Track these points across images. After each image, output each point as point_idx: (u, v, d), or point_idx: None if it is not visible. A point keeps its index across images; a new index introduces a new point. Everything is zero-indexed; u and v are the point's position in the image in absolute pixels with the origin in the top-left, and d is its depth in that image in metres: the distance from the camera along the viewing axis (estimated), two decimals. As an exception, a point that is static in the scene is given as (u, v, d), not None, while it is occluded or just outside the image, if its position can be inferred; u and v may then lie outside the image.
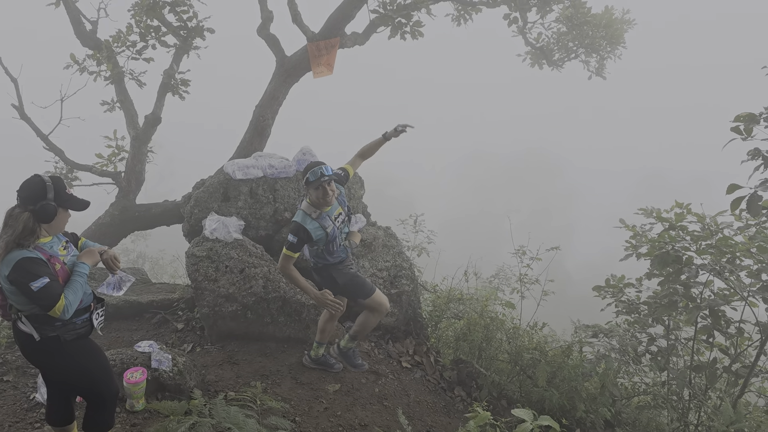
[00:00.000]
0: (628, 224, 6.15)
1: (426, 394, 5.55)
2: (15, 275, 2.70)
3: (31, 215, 2.78)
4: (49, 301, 2.74)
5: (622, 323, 6.07)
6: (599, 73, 9.91)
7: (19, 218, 2.76)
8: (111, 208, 9.25)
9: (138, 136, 9.23)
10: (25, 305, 2.83)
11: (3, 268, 2.73)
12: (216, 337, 5.76)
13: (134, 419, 4.11)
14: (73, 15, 9.19)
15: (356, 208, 7.23)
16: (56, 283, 2.80)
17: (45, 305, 2.75)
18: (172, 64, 9.30)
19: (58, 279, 2.84)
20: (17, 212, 2.79)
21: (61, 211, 2.90)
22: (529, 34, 9.74)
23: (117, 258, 3.24)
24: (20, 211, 2.79)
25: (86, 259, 3.05)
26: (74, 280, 2.92)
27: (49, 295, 2.73)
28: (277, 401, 4.24)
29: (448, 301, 7.20)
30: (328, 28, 8.19)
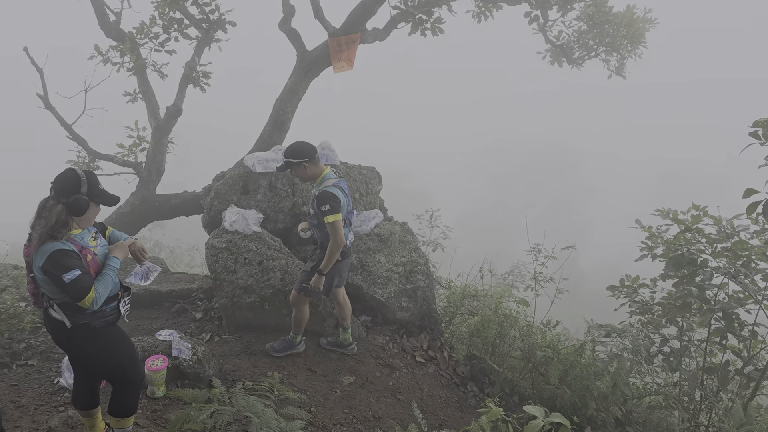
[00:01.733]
0: (644, 225, 6.15)
1: (439, 389, 5.62)
2: (48, 266, 2.80)
3: (65, 208, 2.88)
4: (79, 292, 2.85)
5: (635, 323, 6.08)
6: (619, 72, 9.86)
7: (53, 210, 2.85)
8: (131, 198, 9.40)
9: (159, 127, 9.36)
10: (56, 294, 2.93)
11: (37, 259, 2.84)
12: (234, 327, 5.87)
13: (155, 405, 4.22)
14: (97, 6, 9.31)
15: (373, 204, 7.29)
16: (87, 275, 2.90)
17: (76, 296, 2.86)
18: (194, 57, 9.41)
19: (89, 270, 2.95)
20: (51, 204, 2.89)
21: (92, 205, 2.99)
22: (549, 32, 9.71)
23: (144, 249, 3.35)
24: (54, 203, 2.88)
25: (118, 253, 3.16)
26: (105, 274, 3.03)
27: (80, 287, 2.84)
28: (293, 392, 4.34)
29: (463, 297, 7.24)
30: (349, 23, 8.23)
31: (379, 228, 6.75)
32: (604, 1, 9.00)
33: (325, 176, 4.79)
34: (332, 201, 4.59)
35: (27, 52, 8.95)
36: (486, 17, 9.85)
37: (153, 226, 18.41)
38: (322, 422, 4.45)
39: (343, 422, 4.55)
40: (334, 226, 4.61)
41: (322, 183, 4.73)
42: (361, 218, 6.74)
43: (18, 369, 4.74)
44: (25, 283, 6.37)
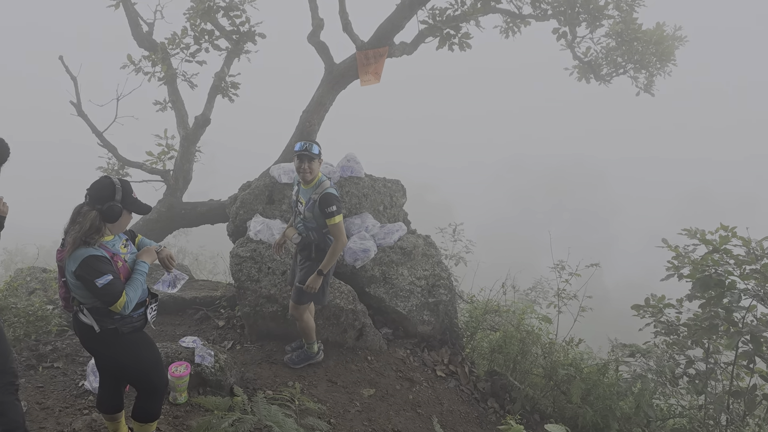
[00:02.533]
0: (670, 244, 6.07)
1: (459, 404, 5.59)
2: (81, 271, 2.87)
3: (99, 214, 2.95)
4: (111, 297, 2.92)
5: (660, 344, 5.99)
6: (648, 89, 9.76)
7: (87, 216, 2.93)
8: (158, 205, 9.54)
9: (187, 136, 9.51)
10: (87, 299, 3.00)
11: (70, 264, 2.91)
12: (256, 336, 5.91)
13: (176, 411, 4.27)
14: (131, 17, 9.52)
15: (397, 216, 7.31)
16: (118, 281, 2.97)
17: (107, 301, 2.92)
18: (223, 67, 9.55)
19: (119, 276, 3.01)
20: (85, 210, 2.97)
21: (125, 212, 3.07)
22: (577, 48, 9.67)
23: (172, 257, 3.41)
24: (88, 209, 2.96)
25: (146, 258, 3.23)
26: (135, 278, 3.11)
27: (112, 291, 2.91)
28: (314, 402, 4.34)
29: (485, 313, 7.20)
30: (378, 37, 8.31)
31: (402, 241, 6.75)
32: (633, 19, 8.94)
33: (321, 179, 4.79)
34: (338, 202, 4.64)
35: (62, 61, 9.17)
36: (514, 33, 9.86)
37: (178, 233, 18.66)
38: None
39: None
40: (339, 228, 4.63)
41: (319, 186, 4.72)
42: (385, 231, 6.75)
43: (44, 371, 4.82)
44: (53, 286, 6.50)
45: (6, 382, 3.30)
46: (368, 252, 6.38)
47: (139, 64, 9.53)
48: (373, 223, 6.76)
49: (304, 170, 4.66)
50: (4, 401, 3.25)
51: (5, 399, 3.27)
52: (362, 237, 6.49)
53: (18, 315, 5.21)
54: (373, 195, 7.00)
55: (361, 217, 6.77)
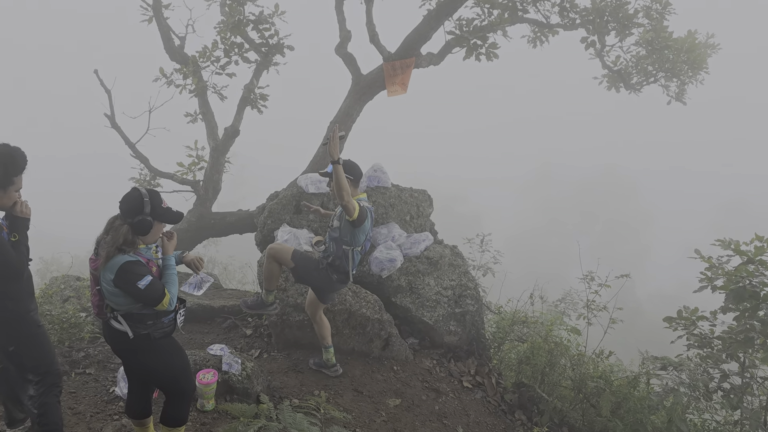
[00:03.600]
0: (703, 255, 5.94)
1: (486, 416, 5.53)
2: (120, 278, 2.95)
3: (130, 228, 3.02)
4: (155, 295, 3.01)
5: (693, 357, 5.85)
6: (679, 98, 9.61)
7: (119, 231, 3.00)
8: (188, 215, 9.70)
9: (217, 147, 9.67)
10: (122, 305, 3.06)
11: (107, 273, 2.98)
12: (282, 344, 5.94)
13: (204, 418, 4.30)
14: (163, 31, 9.75)
15: (423, 226, 7.30)
16: (157, 280, 3.07)
17: (152, 301, 3.02)
18: (252, 79, 9.71)
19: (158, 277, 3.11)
20: (118, 224, 3.04)
21: (156, 224, 3.13)
22: (606, 57, 9.58)
23: (201, 260, 3.49)
24: (120, 223, 3.03)
25: (168, 251, 3.31)
26: (168, 274, 3.20)
27: (155, 290, 3.01)
28: (339, 411, 4.35)
29: (512, 323, 7.13)
30: (404, 48, 8.36)
31: (428, 251, 6.74)
32: (664, 27, 8.83)
33: (360, 198, 4.78)
34: (362, 210, 4.56)
35: (97, 75, 9.42)
36: (541, 42, 9.82)
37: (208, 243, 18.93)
38: (366, 444, 4.44)
39: (387, 445, 4.53)
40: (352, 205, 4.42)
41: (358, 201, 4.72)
42: (411, 240, 6.75)
43: (76, 377, 4.92)
44: (86, 294, 6.64)
45: (51, 383, 3.41)
46: (395, 262, 6.38)
47: (170, 77, 9.75)
48: (399, 232, 6.76)
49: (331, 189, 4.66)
50: (47, 402, 3.36)
51: (48, 401, 3.37)
52: (389, 247, 6.50)
53: (52, 322, 5.33)
54: (400, 205, 7.00)
55: (387, 226, 6.78)
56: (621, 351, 7.45)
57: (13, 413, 3.79)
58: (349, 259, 4.78)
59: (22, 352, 3.37)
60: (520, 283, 9.45)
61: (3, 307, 3.25)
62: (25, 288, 3.39)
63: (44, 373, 3.39)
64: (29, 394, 3.41)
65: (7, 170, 3.17)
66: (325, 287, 4.92)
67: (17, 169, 3.22)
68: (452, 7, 8.14)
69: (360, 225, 4.59)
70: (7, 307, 3.27)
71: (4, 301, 3.25)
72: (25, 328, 3.36)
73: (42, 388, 3.37)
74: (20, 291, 3.34)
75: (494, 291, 8.93)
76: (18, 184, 3.27)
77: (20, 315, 3.33)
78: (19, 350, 3.36)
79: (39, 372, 3.38)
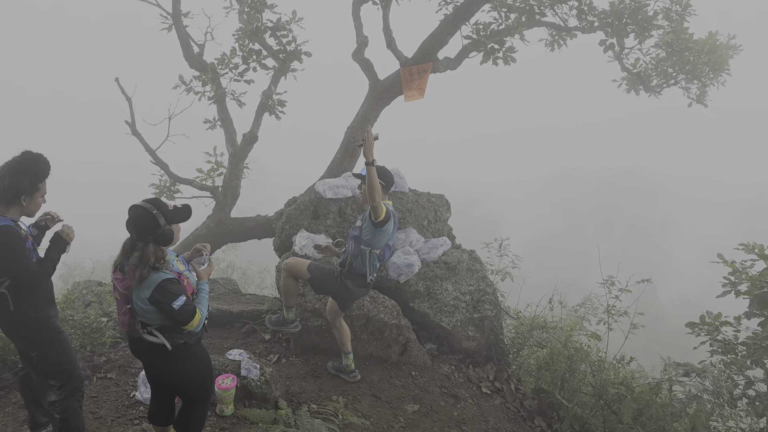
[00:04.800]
0: (726, 260, 5.85)
1: (505, 422, 5.49)
2: (157, 296, 2.97)
3: (155, 244, 3.04)
4: (187, 316, 3.03)
5: (717, 363, 5.75)
6: (700, 100, 9.48)
7: (146, 251, 3.00)
8: (208, 221, 9.79)
9: (236, 153, 9.74)
10: (156, 321, 3.08)
11: (143, 291, 2.98)
12: (301, 350, 5.95)
13: (223, 423, 4.32)
14: (183, 39, 9.86)
15: (441, 231, 7.28)
16: (190, 300, 3.09)
17: (184, 321, 3.04)
18: (270, 86, 9.77)
19: (189, 294, 3.13)
20: (141, 246, 3.04)
21: (174, 227, 3.16)
22: (626, 60, 9.49)
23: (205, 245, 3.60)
24: (143, 244, 3.03)
25: (206, 278, 3.36)
26: (202, 297, 3.24)
27: (188, 311, 3.03)
28: (357, 417, 4.34)
29: (531, 329, 7.08)
30: (421, 53, 8.35)
31: (446, 256, 6.72)
32: (684, 28, 8.72)
33: (386, 203, 4.78)
34: (387, 213, 4.55)
35: (118, 83, 9.55)
36: (559, 46, 9.76)
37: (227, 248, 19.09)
38: (385, 450, 4.43)
39: (406, 451, 4.51)
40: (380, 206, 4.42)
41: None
42: (429, 245, 6.74)
43: (98, 381, 4.97)
44: (108, 299, 6.70)
45: (72, 388, 3.46)
46: (412, 267, 6.37)
47: (190, 84, 9.85)
48: (417, 237, 6.75)
49: (361, 193, 4.69)
50: (69, 407, 3.40)
51: (70, 405, 3.41)
52: (406, 252, 6.49)
53: (74, 327, 5.39)
54: (417, 210, 7.00)
55: (405, 231, 6.78)
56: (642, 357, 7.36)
57: (37, 417, 3.85)
58: (367, 260, 4.73)
59: (43, 358, 3.42)
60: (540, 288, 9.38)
61: (24, 313, 3.30)
62: (45, 295, 3.44)
63: (66, 378, 3.43)
64: (51, 400, 3.46)
65: (33, 177, 3.23)
66: (343, 295, 4.92)
67: (41, 176, 3.29)
68: (469, 11, 8.12)
69: (383, 226, 4.56)
70: (28, 314, 3.32)
71: (25, 308, 3.30)
72: (46, 334, 3.41)
73: (64, 393, 3.41)
74: (41, 298, 3.39)
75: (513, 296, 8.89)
76: (43, 190, 3.34)
77: (41, 321, 3.38)
78: (40, 356, 3.41)
79: (61, 377, 3.43)
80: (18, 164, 3.20)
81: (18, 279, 3.22)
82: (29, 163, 3.22)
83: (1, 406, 4.44)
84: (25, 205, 3.25)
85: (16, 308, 3.27)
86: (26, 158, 3.23)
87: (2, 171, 3.18)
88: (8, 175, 3.17)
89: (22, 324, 3.33)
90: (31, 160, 3.24)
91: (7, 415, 4.29)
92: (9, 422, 4.17)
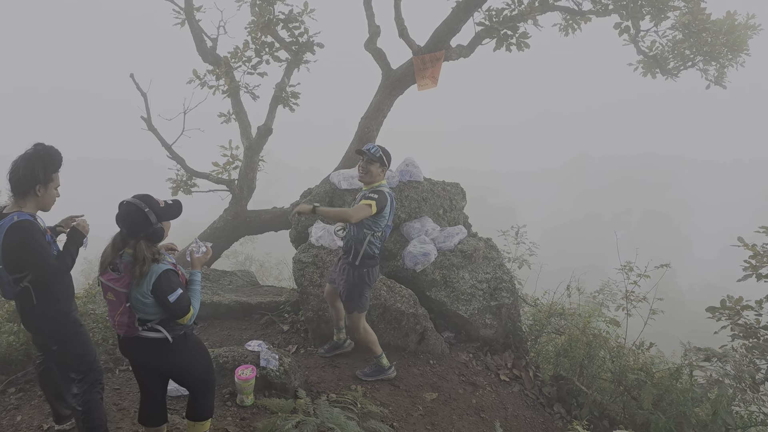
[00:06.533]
0: (747, 243, 5.77)
1: (524, 409, 5.49)
2: (157, 286, 2.99)
3: (146, 242, 3.05)
4: (183, 310, 3.06)
5: (738, 348, 5.69)
6: (718, 82, 9.31)
7: (139, 249, 3.01)
8: (224, 214, 9.86)
9: (251, 146, 9.78)
10: (155, 314, 3.10)
11: (144, 285, 3.00)
12: (319, 340, 5.99)
13: (243, 413, 4.38)
14: (196, 33, 9.89)
15: (457, 220, 7.27)
16: (185, 294, 3.11)
17: (179, 314, 3.06)
18: (284, 78, 9.79)
19: (185, 286, 3.17)
20: (133, 243, 3.04)
21: (165, 224, 3.16)
22: (641, 43, 9.34)
23: None
24: (135, 241, 3.04)
25: (198, 267, 3.36)
26: (194, 290, 3.24)
27: (183, 305, 3.06)
28: (376, 406, 4.37)
29: (549, 316, 7.05)
30: (434, 41, 8.30)
31: (462, 244, 6.71)
32: (701, 9, 8.56)
33: (381, 183, 4.78)
34: (382, 198, 4.57)
35: (133, 78, 9.62)
36: (573, 30, 9.64)
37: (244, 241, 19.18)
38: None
39: (425, 438, 4.53)
40: (362, 208, 4.49)
41: (378, 187, 4.72)
42: (445, 234, 6.73)
43: (120, 373, 5.06)
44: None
45: (93, 380, 3.52)
46: (428, 256, 6.37)
47: (204, 78, 9.89)
48: (432, 226, 6.74)
49: (359, 167, 4.71)
50: (90, 400, 3.46)
51: (92, 398, 3.47)
52: (422, 241, 6.49)
53: (96, 320, 5.48)
54: (433, 198, 6.99)
55: (420, 220, 6.78)
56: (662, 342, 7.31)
57: (60, 410, 3.93)
58: (371, 242, 4.75)
59: (64, 351, 3.48)
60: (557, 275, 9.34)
61: (46, 307, 3.36)
62: (66, 289, 3.50)
63: (86, 371, 3.49)
64: (73, 392, 3.52)
65: (46, 166, 3.30)
66: (358, 282, 4.85)
67: (55, 166, 3.36)
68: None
69: (381, 213, 4.61)
70: (50, 308, 3.38)
71: (47, 301, 3.36)
72: (67, 327, 3.47)
73: (85, 386, 3.47)
74: (61, 292, 3.45)
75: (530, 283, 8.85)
76: (57, 182, 3.41)
77: (63, 315, 3.44)
78: (61, 349, 3.48)
79: (81, 370, 3.49)
80: (31, 155, 3.27)
81: (38, 273, 3.28)
82: (42, 154, 3.29)
83: (27, 399, 4.54)
84: (39, 195, 3.31)
85: (38, 302, 3.33)
86: (38, 149, 3.30)
87: (16, 163, 3.26)
88: (22, 165, 3.24)
89: (44, 317, 3.39)
90: (43, 150, 3.31)
91: (33, 408, 4.38)
92: (35, 415, 4.26)
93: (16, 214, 3.20)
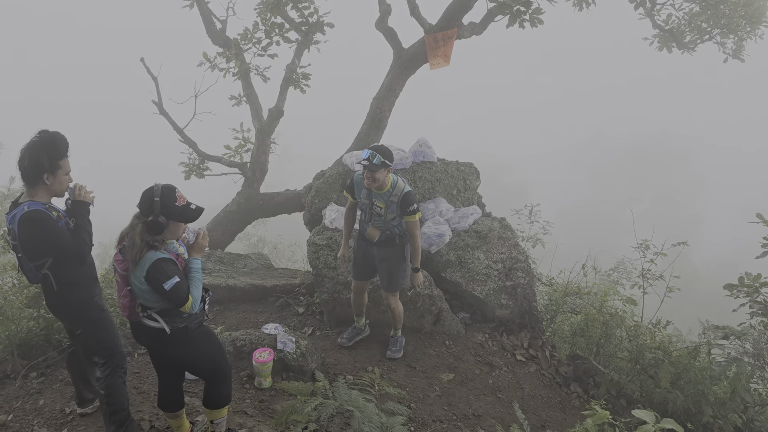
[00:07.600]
0: (765, 219, 5.68)
1: (541, 389, 5.49)
2: (151, 275, 2.98)
3: (144, 227, 3.03)
4: (180, 298, 3.02)
5: (757, 326, 5.63)
6: (737, 55, 9.12)
7: (135, 231, 3.03)
8: (237, 197, 9.87)
9: (262, 128, 9.75)
10: (155, 303, 3.10)
11: (138, 270, 3.00)
12: (335, 322, 6.02)
13: (262, 396, 4.41)
14: (205, 15, 9.81)
15: (471, 200, 7.22)
16: (184, 282, 3.07)
17: (176, 302, 3.04)
18: (294, 59, 9.72)
19: (185, 276, 3.14)
20: (135, 223, 3.06)
21: (171, 223, 3.09)
22: (657, 17, 9.16)
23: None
24: (137, 222, 3.05)
25: (196, 254, 3.29)
26: (193, 277, 3.19)
27: (180, 293, 3.02)
28: (393, 387, 4.38)
29: (565, 295, 7.02)
30: (446, 19, 8.17)
31: (477, 224, 6.67)
32: (718, -21, 8.38)
33: (395, 181, 4.77)
34: (412, 196, 4.73)
35: (143, 62, 9.58)
36: (588, 5, 9.46)
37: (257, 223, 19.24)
38: (421, 418, 4.47)
39: (442, 419, 4.55)
40: (417, 224, 4.79)
41: (395, 188, 4.73)
42: (459, 215, 6.69)
43: (139, 357, 5.10)
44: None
45: (116, 364, 3.54)
46: (443, 237, 6.35)
47: (214, 61, 9.85)
48: (447, 207, 6.71)
49: (366, 178, 4.68)
50: (113, 383, 3.49)
51: (114, 381, 3.50)
52: (437, 222, 6.46)
53: (114, 305, 5.52)
54: (446, 179, 6.94)
55: (434, 201, 6.74)
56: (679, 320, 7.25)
57: (84, 393, 3.98)
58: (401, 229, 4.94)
59: (88, 336, 3.51)
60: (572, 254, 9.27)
61: (68, 292, 3.38)
62: (88, 273, 3.51)
63: (109, 355, 3.52)
64: (96, 376, 3.55)
65: (51, 154, 3.25)
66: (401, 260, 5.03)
67: (60, 152, 3.31)
68: (494, -27, 7.90)
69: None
70: (72, 293, 3.39)
71: (68, 287, 3.38)
72: (90, 312, 3.49)
73: (108, 370, 3.50)
74: (84, 276, 3.46)
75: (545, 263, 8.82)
76: (66, 168, 3.36)
77: (85, 300, 3.46)
78: (85, 334, 3.51)
79: (104, 354, 3.51)
80: (35, 143, 3.23)
81: (59, 258, 3.29)
82: (46, 141, 3.26)
83: (49, 383, 4.60)
84: (48, 183, 3.28)
85: (59, 288, 3.35)
86: (42, 137, 3.26)
87: (22, 153, 3.24)
88: (27, 155, 3.22)
89: (66, 303, 3.41)
90: (47, 137, 3.27)
91: (55, 392, 4.44)
92: (57, 399, 4.31)
93: (27, 204, 3.19)
